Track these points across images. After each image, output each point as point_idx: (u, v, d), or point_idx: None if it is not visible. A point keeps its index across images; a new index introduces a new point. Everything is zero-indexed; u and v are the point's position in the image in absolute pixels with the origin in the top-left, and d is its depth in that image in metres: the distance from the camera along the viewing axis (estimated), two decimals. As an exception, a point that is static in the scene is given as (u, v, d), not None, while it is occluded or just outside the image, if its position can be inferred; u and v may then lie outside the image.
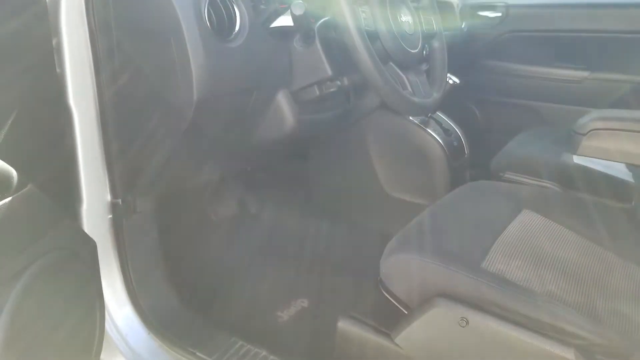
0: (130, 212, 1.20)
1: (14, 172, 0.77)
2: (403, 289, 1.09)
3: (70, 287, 0.93)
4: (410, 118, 1.66)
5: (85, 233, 0.97)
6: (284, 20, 1.29)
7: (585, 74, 2.11)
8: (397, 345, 1.06)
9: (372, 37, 1.13)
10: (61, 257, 0.88)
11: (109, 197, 1.16)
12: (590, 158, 1.55)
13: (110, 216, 1.17)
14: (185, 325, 1.27)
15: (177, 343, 1.20)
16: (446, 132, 1.69)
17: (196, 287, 1.39)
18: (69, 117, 1.05)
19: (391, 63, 1.19)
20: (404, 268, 1.08)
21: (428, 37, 1.35)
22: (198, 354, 1.17)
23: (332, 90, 1.25)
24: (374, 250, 1.30)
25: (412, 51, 1.22)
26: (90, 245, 0.97)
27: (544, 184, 1.56)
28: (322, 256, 1.70)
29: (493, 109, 2.31)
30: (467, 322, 0.98)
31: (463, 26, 2.19)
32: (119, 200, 1.17)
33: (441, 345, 1.03)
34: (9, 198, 0.75)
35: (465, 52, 2.21)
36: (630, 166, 1.55)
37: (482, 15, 2.25)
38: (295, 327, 1.45)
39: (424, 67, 1.40)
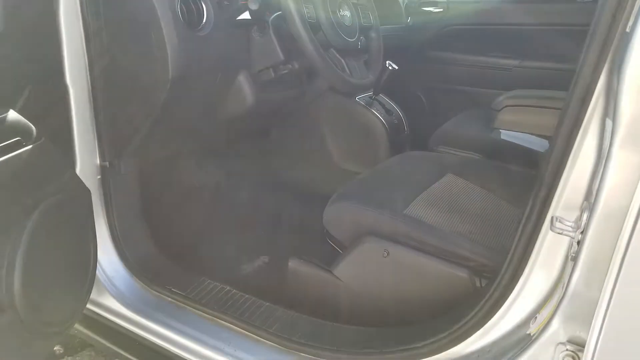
0: (116, 173, 1.41)
1: (33, 127, 1.00)
2: (341, 230, 1.36)
3: (71, 225, 1.16)
4: (357, 99, 1.92)
5: (83, 183, 1.19)
6: (246, 15, 1.53)
7: (515, 62, 2.41)
8: (336, 277, 1.33)
9: (314, 28, 1.38)
10: (65, 198, 1.12)
11: (98, 161, 1.38)
12: (515, 133, 1.84)
13: (99, 177, 1.40)
14: (162, 269, 1.49)
15: (156, 282, 1.43)
16: (388, 112, 1.96)
17: (170, 241, 1.61)
18: (66, 93, 1.27)
19: (332, 50, 1.45)
20: (340, 213, 1.35)
21: (366, 29, 1.61)
22: (174, 290, 1.40)
23: (284, 72, 1.50)
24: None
25: (350, 40, 1.48)
26: (87, 193, 1.21)
27: (469, 154, 1.84)
28: (280, 220, 1.95)
29: (436, 94, 2.60)
30: (388, 253, 1.25)
31: (409, 20, 2.46)
32: (107, 163, 1.38)
33: (370, 273, 1.30)
34: (30, 146, 0.99)
35: (411, 44, 2.49)
36: (539, 138, 1.85)
37: (425, 11, 2.54)
38: (257, 276, 1.70)
39: (365, 57, 1.66)
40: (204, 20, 1.33)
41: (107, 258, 1.44)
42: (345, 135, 1.96)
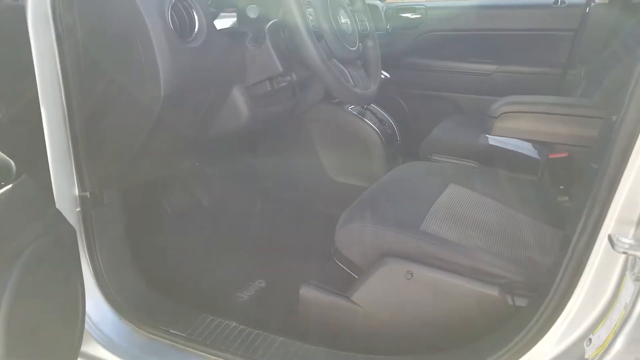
0: (98, 204, 1.25)
1: (12, 163, 0.85)
2: (356, 252, 1.25)
3: (58, 271, 1.00)
4: (349, 109, 1.83)
5: (67, 220, 1.04)
6: (225, 23, 1.40)
7: (494, 67, 2.40)
8: (355, 303, 1.22)
9: (317, 36, 1.28)
10: (49, 242, 0.96)
11: (77, 191, 1.22)
12: (503, 139, 1.80)
13: (79, 209, 1.23)
14: (154, 307, 1.34)
15: (150, 324, 1.27)
16: (381, 121, 1.88)
17: (160, 274, 1.46)
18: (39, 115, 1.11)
19: (334, 59, 1.35)
20: (356, 234, 1.24)
21: (363, 36, 1.52)
22: (172, 331, 1.25)
23: (282, 84, 1.38)
24: (321, 230, 1.45)
25: (352, 49, 1.39)
26: (72, 232, 1.05)
27: (465, 162, 1.79)
28: (274, 240, 1.83)
29: (417, 101, 2.55)
30: (412, 275, 1.15)
31: (388, 27, 2.39)
32: (87, 194, 1.22)
33: (392, 297, 1.19)
34: (10, 185, 0.83)
35: (391, 51, 2.43)
36: (536, 144, 1.81)
37: (404, 17, 2.50)
38: (257, 304, 1.57)
39: (359, 63, 1.57)
40: (196, 30, 1.19)
41: (92, 301, 1.27)
42: (339, 147, 1.87)
